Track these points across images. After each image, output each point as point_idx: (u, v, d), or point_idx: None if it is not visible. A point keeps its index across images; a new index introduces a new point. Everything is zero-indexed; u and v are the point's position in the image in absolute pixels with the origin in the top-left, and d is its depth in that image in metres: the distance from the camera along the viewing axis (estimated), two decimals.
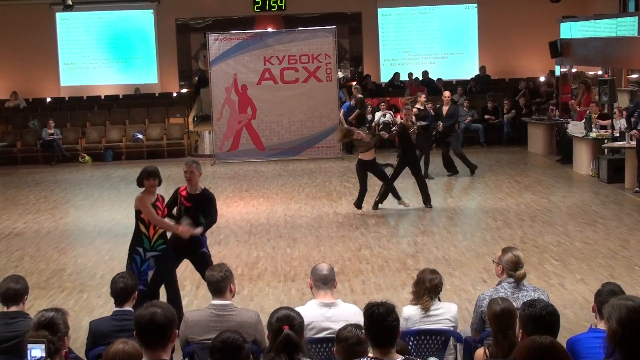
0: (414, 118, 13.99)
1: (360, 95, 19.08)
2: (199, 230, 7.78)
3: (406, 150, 13.16)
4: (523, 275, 5.68)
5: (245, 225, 12.38)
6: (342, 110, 18.71)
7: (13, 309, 5.46)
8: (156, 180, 7.67)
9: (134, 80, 24.01)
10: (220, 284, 5.50)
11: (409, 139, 13.00)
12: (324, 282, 5.55)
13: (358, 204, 12.89)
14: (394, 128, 13.85)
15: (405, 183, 14.23)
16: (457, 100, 20.87)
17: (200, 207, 7.86)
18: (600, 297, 4.90)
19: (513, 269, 5.68)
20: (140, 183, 7.72)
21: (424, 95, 17.06)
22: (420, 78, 22.62)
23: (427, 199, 13.00)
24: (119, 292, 5.64)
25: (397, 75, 23.21)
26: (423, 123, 14.86)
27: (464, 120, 19.62)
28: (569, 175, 15.90)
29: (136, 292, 5.75)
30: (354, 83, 17.49)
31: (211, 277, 5.52)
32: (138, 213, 7.68)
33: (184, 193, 7.89)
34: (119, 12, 24.10)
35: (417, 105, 15.83)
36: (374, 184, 13.38)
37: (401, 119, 13.80)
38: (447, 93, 16.55)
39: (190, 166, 7.89)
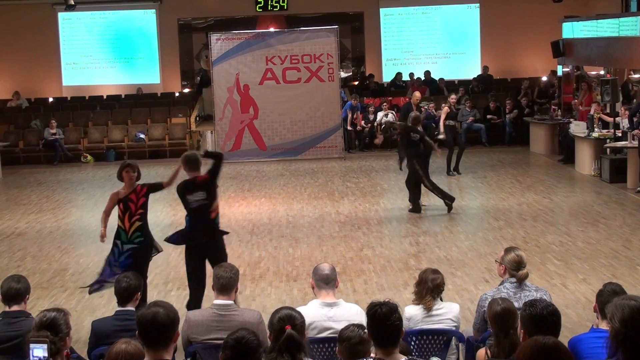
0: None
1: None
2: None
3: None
4: (525, 275, 5.68)
5: (248, 225, 12.38)
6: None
7: (15, 308, 5.48)
8: (135, 172, 7.82)
9: (136, 80, 24.03)
10: (230, 282, 5.50)
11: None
12: (325, 282, 5.54)
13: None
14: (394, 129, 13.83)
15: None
16: (459, 100, 20.87)
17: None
18: (601, 297, 4.90)
19: (515, 269, 5.67)
20: (119, 176, 7.91)
21: (453, 95, 17.06)
22: (423, 78, 22.62)
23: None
24: (122, 292, 5.63)
25: (399, 75, 23.21)
26: (451, 122, 15.84)
27: (466, 120, 19.61)
28: (571, 175, 15.89)
29: (139, 293, 5.73)
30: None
31: (221, 276, 5.51)
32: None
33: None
34: (121, 12, 24.13)
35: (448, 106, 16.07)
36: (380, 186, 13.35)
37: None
38: (417, 94, 16.46)
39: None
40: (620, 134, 14.98)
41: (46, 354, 4.06)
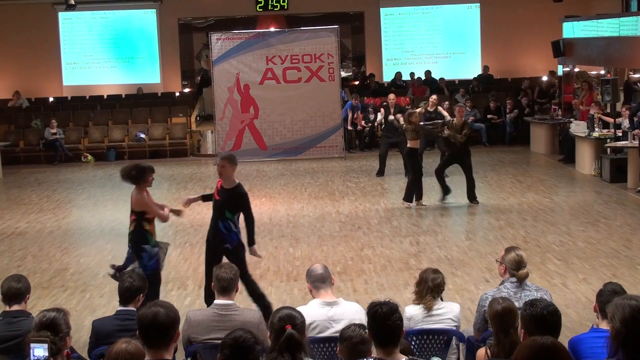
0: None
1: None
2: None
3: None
4: (526, 275, 5.67)
5: None
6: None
7: (15, 308, 5.47)
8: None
9: (136, 80, 24.03)
10: (231, 283, 5.51)
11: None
12: (322, 281, 5.56)
13: (417, 197, 13.08)
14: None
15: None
16: (460, 100, 20.88)
17: (228, 203, 7.74)
18: (601, 297, 4.90)
19: (516, 269, 5.67)
20: (144, 179, 7.56)
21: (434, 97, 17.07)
22: (423, 78, 22.63)
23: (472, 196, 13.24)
24: (124, 292, 5.61)
25: (399, 74, 23.21)
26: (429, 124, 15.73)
27: (467, 119, 19.59)
28: (572, 174, 15.89)
29: (142, 295, 5.69)
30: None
31: (222, 277, 5.51)
32: (142, 214, 7.55)
33: (218, 186, 7.89)
34: (122, 11, 24.12)
35: (428, 108, 16.01)
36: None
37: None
38: (391, 96, 16.51)
39: (221, 160, 7.86)
40: (620, 134, 14.98)
41: (47, 354, 4.05)
